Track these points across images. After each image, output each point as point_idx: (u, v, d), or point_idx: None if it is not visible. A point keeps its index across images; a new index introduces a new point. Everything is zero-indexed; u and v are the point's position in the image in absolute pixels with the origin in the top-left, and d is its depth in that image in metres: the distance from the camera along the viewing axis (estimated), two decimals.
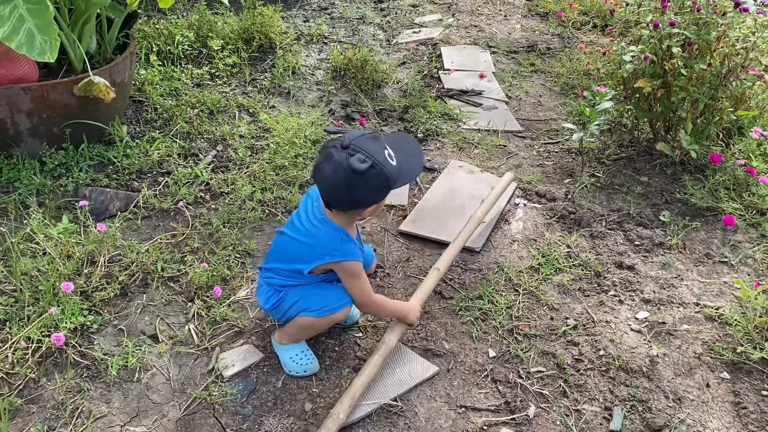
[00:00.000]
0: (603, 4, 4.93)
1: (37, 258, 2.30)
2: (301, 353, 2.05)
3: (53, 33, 2.37)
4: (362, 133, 1.81)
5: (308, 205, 1.96)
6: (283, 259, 1.96)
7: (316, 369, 2.06)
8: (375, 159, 1.76)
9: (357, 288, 1.95)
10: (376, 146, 1.80)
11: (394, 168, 1.83)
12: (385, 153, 1.81)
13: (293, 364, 2.04)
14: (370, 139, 1.80)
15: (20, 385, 1.93)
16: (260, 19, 4.17)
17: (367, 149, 1.76)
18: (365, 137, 1.79)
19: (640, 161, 3.21)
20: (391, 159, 1.83)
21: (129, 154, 2.94)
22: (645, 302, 2.40)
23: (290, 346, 2.07)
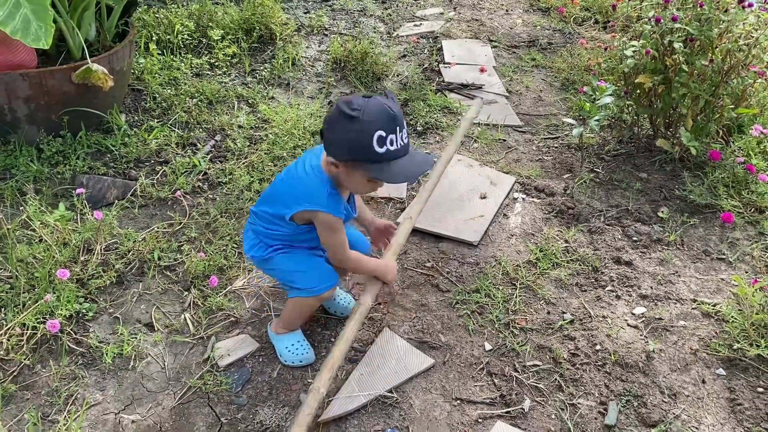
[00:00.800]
0: (604, 0, 4.91)
1: (33, 245, 2.29)
2: (297, 343, 2.05)
3: (49, 19, 2.35)
4: (393, 110, 1.70)
5: (311, 156, 1.91)
6: (270, 201, 1.94)
7: (312, 359, 2.06)
8: (366, 120, 1.67)
9: (332, 243, 1.90)
10: (382, 120, 1.69)
11: (379, 151, 1.70)
12: (380, 132, 1.69)
13: (288, 354, 2.04)
14: (387, 115, 1.69)
15: (15, 371, 1.93)
16: (261, 10, 4.15)
17: (372, 113, 1.68)
18: (388, 111, 1.69)
19: (639, 157, 3.20)
20: (385, 144, 1.71)
21: (127, 142, 2.93)
22: (642, 298, 2.39)
23: (286, 336, 2.06)
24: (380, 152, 1.71)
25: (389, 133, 1.70)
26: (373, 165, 1.73)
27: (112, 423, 1.83)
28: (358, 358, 2.09)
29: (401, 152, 1.74)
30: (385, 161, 1.73)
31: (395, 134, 1.71)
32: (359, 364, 2.06)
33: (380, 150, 1.70)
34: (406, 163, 1.76)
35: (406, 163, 1.76)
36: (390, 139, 1.71)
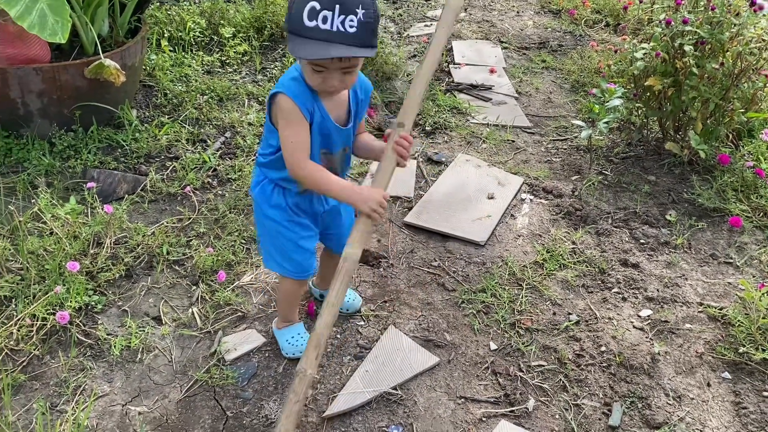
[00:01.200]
0: (616, 2, 4.90)
1: (44, 237, 2.31)
2: (297, 335, 2.07)
3: (65, 14, 2.38)
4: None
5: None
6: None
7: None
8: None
9: (284, 137, 1.66)
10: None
11: (307, 24, 1.48)
12: (313, 4, 1.47)
13: (289, 346, 2.05)
14: None
15: (24, 361, 1.95)
16: (272, 8, 4.17)
17: None
18: None
19: (648, 160, 3.20)
20: (315, 20, 1.48)
21: (138, 137, 2.96)
22: (648, 300, 2.39)
23: (287, 329, 2.08)
24: (308, 25, 1.48)
25: (324, 7, 1.46)
26: (295, 38, 1.51)
27: (119, 414, 1.85)
28: (364, 354, 2.10)
29: (332, 37, 1.48)
30: (309, 38, 1.49)
31: (332, 12, 1.46)
32: (364, 361, 2.07)
33: (309, 23, 1.48)
34: (317, 45, 1.49)
35: (317, 45, 1.49)
36: (323, 15, 1.46)
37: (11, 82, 2.64)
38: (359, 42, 1.51)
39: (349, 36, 1.49)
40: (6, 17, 2.53)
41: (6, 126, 2.78)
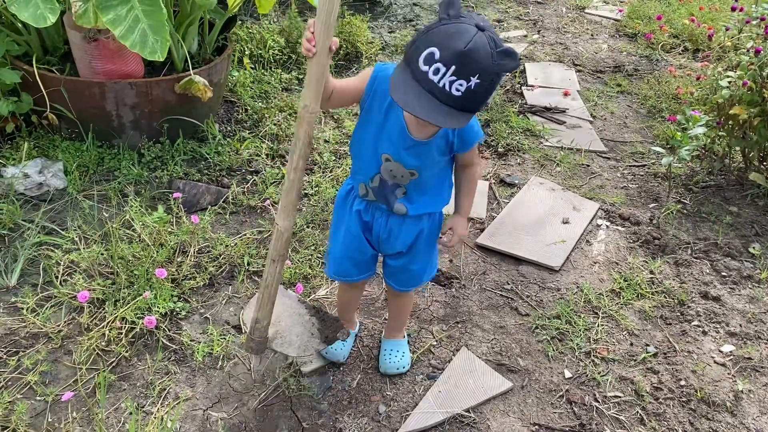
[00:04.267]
0: (695, 28, 4.80)
1: (133, 244, 2.43)
2: (340, 341, 2.10)
3: (165, 34, 2.51)
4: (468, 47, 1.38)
5: None
6: None
7: (338, 358, 2.11)
8: (437, 31, 1.42)
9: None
10: (449, 45, 1.39)
11: (422, 67, 1.41)
12: (434, 50, 1.40)
13: (330, 348, 2.10)
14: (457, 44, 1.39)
15: (114, 362, 2.05)
16: (348, 29, 4.27)
17: (448, 32, 1.41)
18: (462, 43, 1.38)
19: (729, 190, 3.10)
20: (430, 66, 1.40)
21: (220, 151, 3.07)
22: (730, 335, 2.32)
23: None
24: (421, 68, 1.41)
25: (441, 60, 1.39)
26: (405, 69, 1.46)
27: (201, 419, 1.92)
28: (436, 375, 2.11)
29: (435, 91, 1.41)
30: (415, 78, 1.43)
31: (447, 69, 1.39)
32: (437, 382, 2.08)
33: (423, 67, 1.41)
34: (416, 94, 1.43)
35: (416, 94, 1.43)
36: (436, 67, 1.39)
37: (108, 96, 2.79)
38: (460, 106, 1.42)
39: (452, 97, 1.41)
40: (108, 35, 2.68)
41: (100, 136, 2.94)
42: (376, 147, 1.71)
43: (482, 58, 1.37)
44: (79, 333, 2.12)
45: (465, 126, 1.49)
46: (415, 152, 1.68)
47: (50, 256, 2.37)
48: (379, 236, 1.86)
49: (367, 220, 1.85)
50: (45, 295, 2.24)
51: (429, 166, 1.72)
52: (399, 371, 2.11)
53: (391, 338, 2.17)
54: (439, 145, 1.69)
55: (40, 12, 2.44)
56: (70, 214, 2.61)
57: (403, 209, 1.79)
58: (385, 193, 1.78)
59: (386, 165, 1.72)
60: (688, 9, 5.17)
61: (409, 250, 1.89)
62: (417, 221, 1.83)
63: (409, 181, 1.74)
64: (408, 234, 1.84)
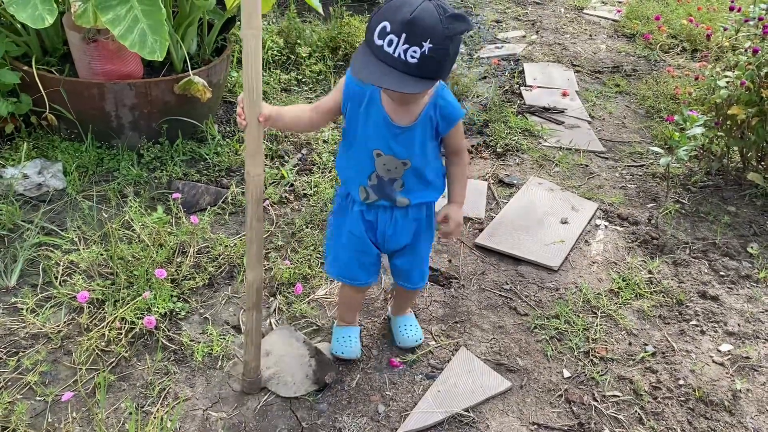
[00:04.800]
0: (693, 28, 4.81)
1: (132, 244, 2.43)
2: (348, 337, 2.13)
3: (164, 34, 2.51)
4: (414, 14, 1.44)
5: None
6: None
7: (353, 355, 2.12)
8: (390, 4, 1.48)
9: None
10: (399, 14, 1.45)
11: (376, 41, 1.47)
12: (385, 24, 1.46)
13: (338, 344, 2.13)
14: (404, 13, 1.44)
15: (113, 362, 2.05)
16: (347, 29, 4.28)
17: (398, 3, 1.47)
18: (408, 11, 1.44)
19: (728, 190, 3.11)
20: (383, 39, 1.46)
21: (219, 152, 3.07)
22: (728, 335, 2.33)
23: (342, 328, 2.16)
24: (376, 43, 1.48)
25: (392, 31, 1.45)
26: (365, 48, 1.52)
27: (200, 419, 1.92)
28: (435, 374, 2.12)
29: (392, 62, 1.47)
30: (374, 54, 1.49)
31: (398, 38, 1.44)
32: (436, 381, 2.09)
33: (377, 41, 1.47)
34: (374, 68, 1.48)
35: (374, 68, 1.48)
36: (390, 38, 1.45)
37: (107, 96, 2.80)
38: (419, 72, 1.47)
39: (409, 65, 1.46)
40: (107, 36, 2.69)
41: (99, 137, 2.94)
42: (366, 145, 1.76)
43: (430, 23, 1.43)
44: (78, 333, 2.12)
45: (424, 89, 1.52)
46: (403, 140, 1.73)
47: (50, 257, 2.37)
48: (384, 233, 1.89)
49: (371, 220, 1.88)
50: (45, 295, 2.24)
51: (419, 154, 1.76)
52: (417, 343, 2.19)
53: (401, 315, 2.24)
54: (425, 129, 1.74)
55: (38, 13, 2.44)
56: (70, 214, 2.61)
57: (406, 201, 1.83)
58: (384, 189, 1.81)
59: (379, 160, 1.76)
60: (687, 9, 5.19)
61: (413, 245, 1.94)
62: (418, 211, 1.88)
63: (404, 171, 1.78)
64: (412, 224, 1.89)
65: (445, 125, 1.75)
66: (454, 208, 1.87)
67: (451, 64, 1.53)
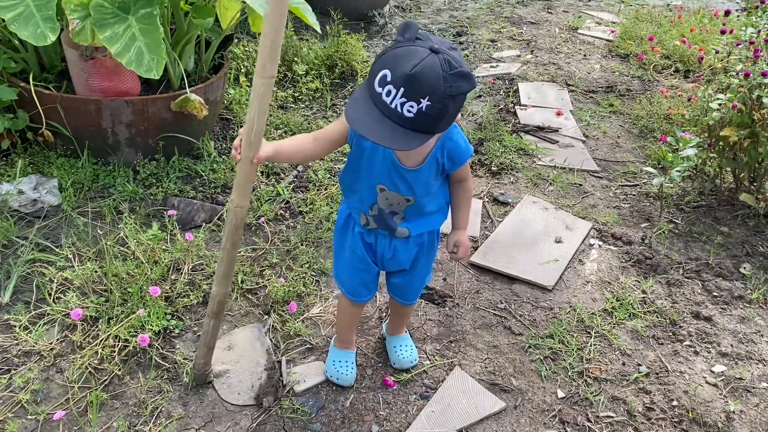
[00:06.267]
0: (687, 49, 4.86)
1: (127, 261, 2.43)
2: (344, 362, 2.12)
3: (161, 52, 2.53)
4: (416, 69, 1.39)
5: None
6: None
7: (347, 383, 2.11)
8: (393, 52, 1.44)
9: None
10: (400, 66, 1.40)
11: (376, 89, 1.44)
12: (386, 72, 1.42)
13: (332, 368, 2.12)
14: (405, 66, 1.40)
15: (106, 380, 2.04)
16: (344, 48, 4.31)
17: (402, 53, 1.43)
18: (409, 66, 1.39)
19: (720, 210, 3.13)
20: (383, 88, 1.42)
21: (215, 168, 3.08)
22: (722, 355, 2.33)
23: (339, 350, 2.16)
24: (376, 90, 1.44)
25: (392, 82, 1.41)
26: (364, 90, 1.49)
27: None
28: (429, 394, 2.11)
29: (388, 113, 1.43)
30: (372, 100, 1.46)
31: (397, 91, 1.40)
32: (430, 401, 2.08)
33: (377, 88, 1.43)
34: (368, 117, 1.45)
35: (368, 117, 1.45)
36: (388, 89, 1.41)
37: (104, 113, 2.81)
38: (414, 126, 1.43)
39: (404, 118, 1.42)
40: (105, 53, 2.70)
41: (95, 153, 2.95)
42: (370, 179, 1.75)
43: (431, 80, 1.38)
44: (71, 351, 2.11)
45: (417, 146, 1.47)
46: (409, 180, 1.72)
47: (44, 273, 2.37)
48: (383, 256, 1.90)
49: (370, 242, 1.89)
50: (38, 312, 2.23)
51: (423, 192, 1.76)
52: (412, 364, 2.18)
53: (396, 334, 2.24)
54: (431, 170, 1.72)
55: (40, 31, 2.45)
56: (65, 231, 2.61)
57: (406, 232, 1.84)
58: (384, 220, 1.82)
59: (382, 195, 1.76)
60: (680, 30, 5.25)
61: (412, 267, 1.95)
62: (419, 238, 1.88)
63: (406, 207, 1.78)
64: (411, 251, 1.90)
65: (452, 165, 1.74)
66: (460, 233, 1.89)
67: (450, 119, 1.49)
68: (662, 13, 6.00)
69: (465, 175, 1.82)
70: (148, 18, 2.55)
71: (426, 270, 2.02)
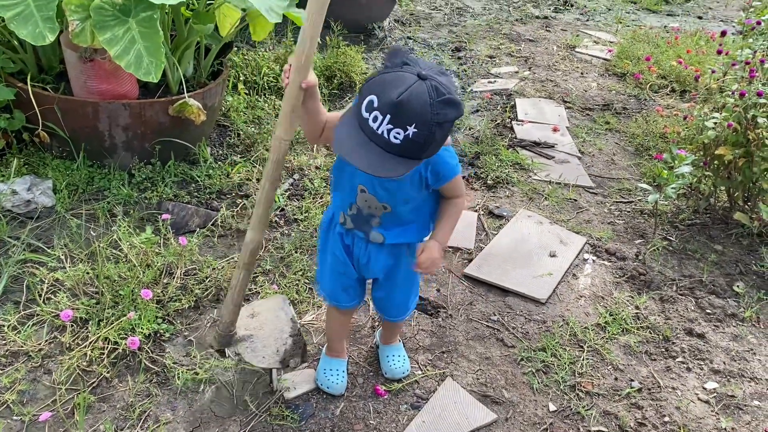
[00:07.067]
0: (683, 69, 4.90)
1: (119, 264, 2.41)
2: (335, 371, 2.11)
3: (160, 56, 2.53)
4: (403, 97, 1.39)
5: None
6: None
7: (338, 392, 2.09)
8: (381, 77, 1.44)
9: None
10: (387, 93, 1.40)
11: (363, 114, 1.43)
12: (373, 98, 1.41)
13: (323, 376, 2.10)
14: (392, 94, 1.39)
15: (94, 383, 2.02)
16: (343, 59, 4.33)
17: (391, 79, 1.43)
18: (396, 94, 1.39)
19: (714, 229, 3.14)
20: (369, 114, 1.41)
21: (211, 174, 3.08)
22: (714, 372, 2.33)
23: (330, 359, 2.14)
24: (363, 115, 1.43)
25: (378, 108, 1.40)
26: (350, 113, 1.49)
27: None
28: (420, 404, 2.10)
29: (374, 138, 1.42)
30: (359, 124, 1.45)
31: (383, 117, 1.39)
32: (421, 411, 2.07)
33: (364, 113, 1.42)
34: (354, 142, 1.44)
35: (354, 142, 1.44)
36: (375, 115, 1.40)
37: (101, 116, 2.80)
38: (400, 152, 1.42)
39: (391, 144, 1.41)
40: (103, 56, 2.70)
41: (91, 156, 2.94)
42: (352, 178, 1.75)
43: (417, 108, 1.37)
44: (60, 352, 2.09)
45: (403, 172, 1.45)
46: (388, 187, 1.70)
47: (35, 274, 2.35)
48: (359, 260, 1.89)
49: (348, 243, 1.88)
50: (27, 312, 2.21)
51: (402, 202, 1.73)
52: (405, 374, 2.17)
53: (389, 344, 2.22)
54: (413, 181, 1.69)
55: (39, 30, 2.45)
56: (57, 232, 2.59)
57: (380, 238, 1.82)
58: (361, 221, 1.81)
59: (361, 195, 1.76)
60: (676, 51, 5.29)
61: (388, 279, 1.93)
62: (396, 249, 1.85)
63: (382, 213, 1.77)
64: (386, 261, 1.87)
65: (436, 181, 1.70)
66: (431, 243, 1.76)
67: (437, 146, 1.48)
68: (659, 34, 6.06)
69: (455, 192, 1.78)
70: (149, 21, 2.56)
71: (408, 288, 1.98)
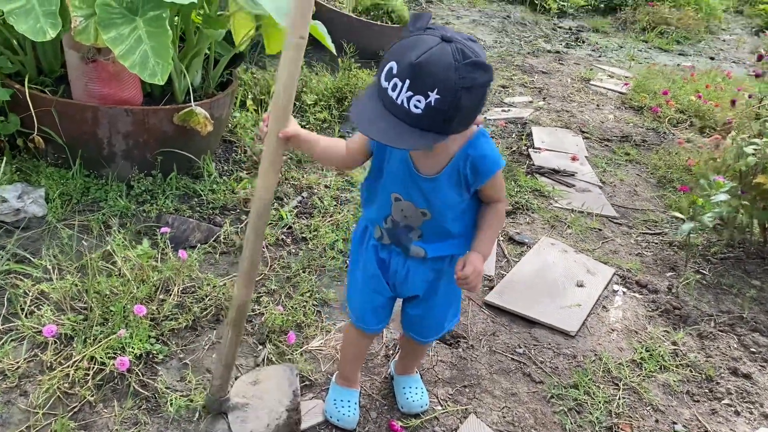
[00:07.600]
0: (702, 104, 4.78)
1: (112, 278, 2.20)
2: (346, 402, 1.89)
3: (168, 57, 2.37)
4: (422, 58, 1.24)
5: None
6: None
7: (350, 426, 1.87)
8: (402, 41, 1.30)
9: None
10: (406, 56, 1.26)
11: (383, 83, 1.30)
12: (393, 65, 1.27)
13: (333, 407, 1.89)
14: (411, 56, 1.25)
15: (76, 407, 1.79)
16: (354, 81, 4.19)
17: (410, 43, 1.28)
18: (415, 54, 1.25)
19: (750, 263, 2.95)
20: (389, 81, 1.28)
21: (215, 189, 2.89)
22: (765, 417, 2.10)
23: (341, 388, 1.93)
24: (382, 85, 1.29)
25: (397, 75, 1.25)
26: (373, 87, 1.34)
27: None
28: None
29: (394, 109, 1.28)
30: (379, 96, 1.31)
31: (402, 83, 1.25)
32: None
33: (383, 83, 1.28)
34: (371, 112, 1.31)
35: (371, 112, 1.31)
36: (394, 82, 1.26)
37: (101, 121, 2.63)
38: (421, 125, 1.27)
39: (411, 115, 1.26)
40: (107, 57, 2.54)
41: (88, 164, 2.75)
42: (386, 186, 1.57)
43: (440, 70, 1.22)
44: (39, 372, 1.86)
45: (424, 146, 1.31)
46: (425, 190, 1.52)
47: (18, 285, 2.13)
48: (396, 275, 1.68)
49: (384, 258, 1.67)
50: (6, 327, 1.99)
51: (442, 207, 1.54)
52: (423, 408, 1.96)
53: (406, 374, 2.01)
54: (451, 181, 1.50)
55: (39, 25, 2.29)
56: (47, 242, 2.39)
57: (421, 252, 1.61)
58: (398, 235, 1.61)
59: (396, 205, 1.57)
60: (694, 86, 5.19)
61: (428, 295, 1.71)
62: (438, 263, 1.65)
63: (422, 222, 1.56)
64: (427, 276, 1.66)
65: (476, 179, 1.50)
66: (473, 255, 1.56)
67: (466, 118, 1.31)
68: (674, 71, 5.97)
69: (495, 195, 1.58)
70: (157, 21, 2.40)
71: (447, 304, 1.77)
